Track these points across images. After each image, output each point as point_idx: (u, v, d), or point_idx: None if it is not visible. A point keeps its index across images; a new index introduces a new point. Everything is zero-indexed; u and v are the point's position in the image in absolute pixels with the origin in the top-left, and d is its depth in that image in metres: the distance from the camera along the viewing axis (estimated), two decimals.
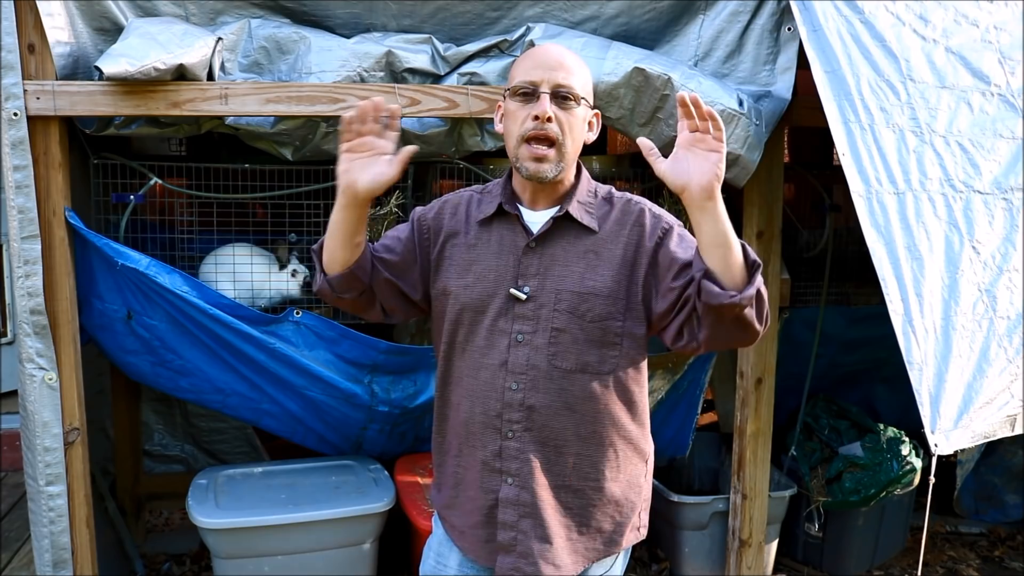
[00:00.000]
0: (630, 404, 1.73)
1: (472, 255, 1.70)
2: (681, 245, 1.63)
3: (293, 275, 2.77)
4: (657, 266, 1.63)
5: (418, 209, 1.80)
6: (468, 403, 1.70)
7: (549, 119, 1.56)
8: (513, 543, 1.69)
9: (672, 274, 1.60)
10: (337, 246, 1.65)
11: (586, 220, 1.66)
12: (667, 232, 1.65)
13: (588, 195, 1.69)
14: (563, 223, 1.66)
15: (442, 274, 1.73)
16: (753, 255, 1.50)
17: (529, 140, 1.59)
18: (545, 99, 1.57)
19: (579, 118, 1.62)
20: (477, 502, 1.71)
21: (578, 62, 1.64)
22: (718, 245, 1.47)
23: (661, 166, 1.48)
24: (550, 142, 1.59)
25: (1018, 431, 1.97)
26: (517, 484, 1.67)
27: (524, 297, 1.64)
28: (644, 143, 1.52)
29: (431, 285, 1.75)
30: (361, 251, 1.67)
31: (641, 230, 1.65)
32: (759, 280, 1.48)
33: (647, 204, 1.70)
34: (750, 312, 1.49)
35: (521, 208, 1.69)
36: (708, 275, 1.49)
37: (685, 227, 1.69)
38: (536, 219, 1.68)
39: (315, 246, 1.73)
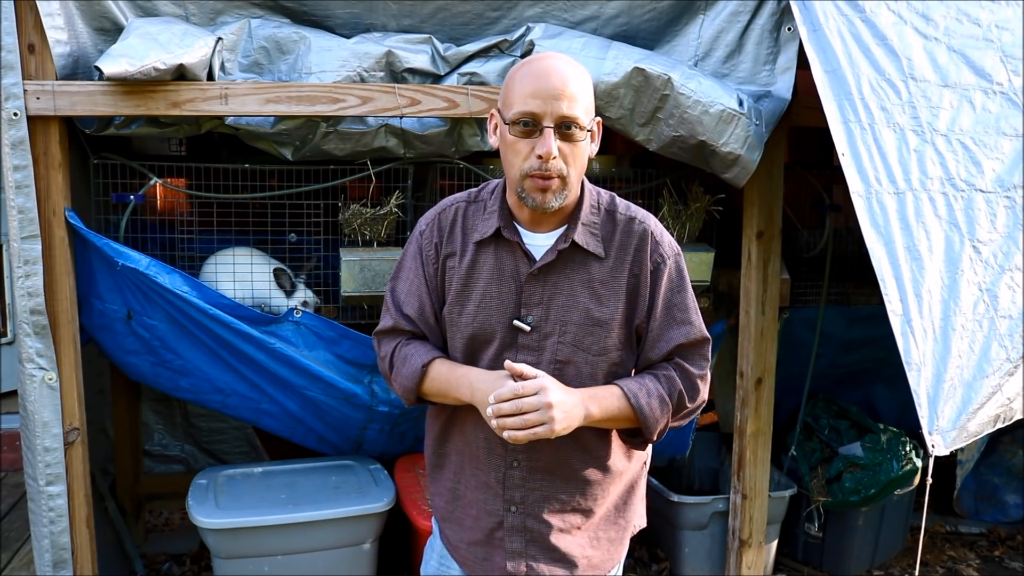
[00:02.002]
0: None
1: (470, 279, 1.63)
2: (664, 299, 1.63)
3: (304, 305, 2.77)
4: (647, 308, 1.64)
5: (420, 240, 1.71)
6: (472, 427, 1.66)
7: (554, 158, 1.49)
8: (524, 569, 1.68)
9: (641, 345, 1.68)
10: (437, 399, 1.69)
11: (592, 246, 1.60)
12: (659, 266, 1.62)
13: (592, 212, 1.62)
14: (568, 250, 1.60)
15: (445, 297, 1.68)
16: (651, 428, 1.61)
17: (532, 176, 1.51)
18: (549, 135, 1.48)
19: (583, 145, 1.54)
20: (478, 521, 1.69)
21: (579, 80, 1.52)
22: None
23: None
24: (555, 178, 1.52)
25: (999, 425, 1.98)
26: (522, 512, 1.66)
27: (528, 329, 1.60)
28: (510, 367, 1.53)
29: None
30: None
31: (642, 256, 1.62)
32: (656, 431, 1.62)
33: (651, 225, 1.64)
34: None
35: (520, 230, 1.62)
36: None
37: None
38: (537, 241, 1.62)
39: (409, 399, 1.69)
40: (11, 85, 2.29)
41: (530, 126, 1.50)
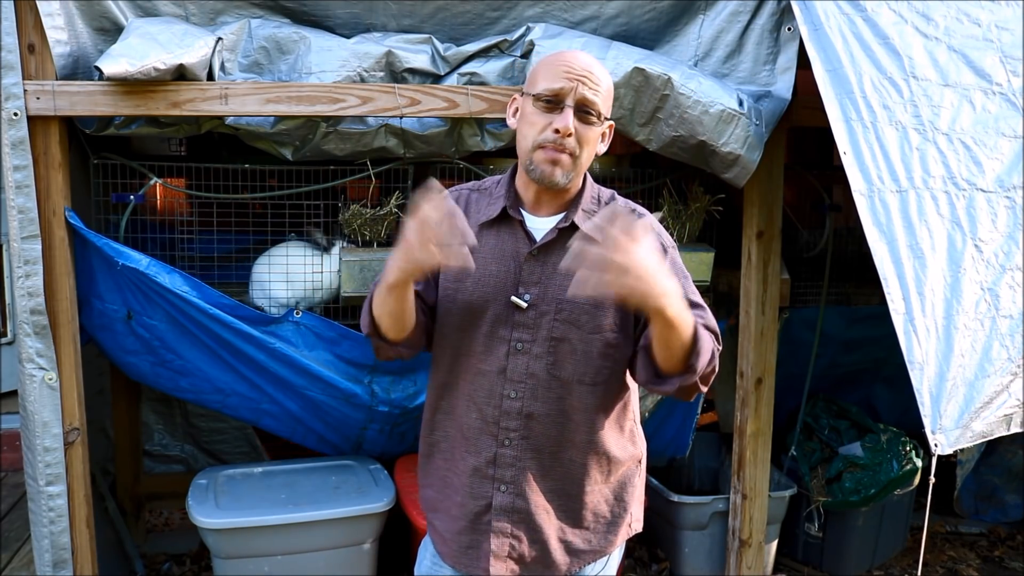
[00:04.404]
0: (623, 411, 1.74)
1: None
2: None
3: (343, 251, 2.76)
4: None
5: None
6: (464, 408, 1.68)
7: (570, 134, 1.54)
8: (508, 549, 1.68)
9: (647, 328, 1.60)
10: (395, 327, 1.60)
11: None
12: (662, 255, 1.63)
13: (592, 202, 1.67)
14: (567, 232, 1.63)
15: (441, 275, 1.70)
16: (704, 343, 1.48)
17: (545, 148, 1.56)
18: (569, 113, 1.54)
19: (596, 134, 1.60)
20: (464, 508, 1.70)
21: (604, 75, 1.60)
22: (663, 347, 1.47)
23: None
24: (567, 153, 1.56)
25: (1015, 429, 1.97)
26: (512, 492, 1.67)
27: (525, 305, 1.62)
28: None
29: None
30: (416, 316, 1.63)
31: None
32: (699, 366, 1.49)
33: (650, 219, 1.66)
34: (681, 393, 1.56)
35: (524, 212, 1.66)
36: (647, 351, 1.54)
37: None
38: (539, 224, 1.66)
39: (366, 322, 1.64)
40: (11, 85, 2.29)
41: (552, 103, 1.56)
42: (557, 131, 1.54)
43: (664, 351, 1.49)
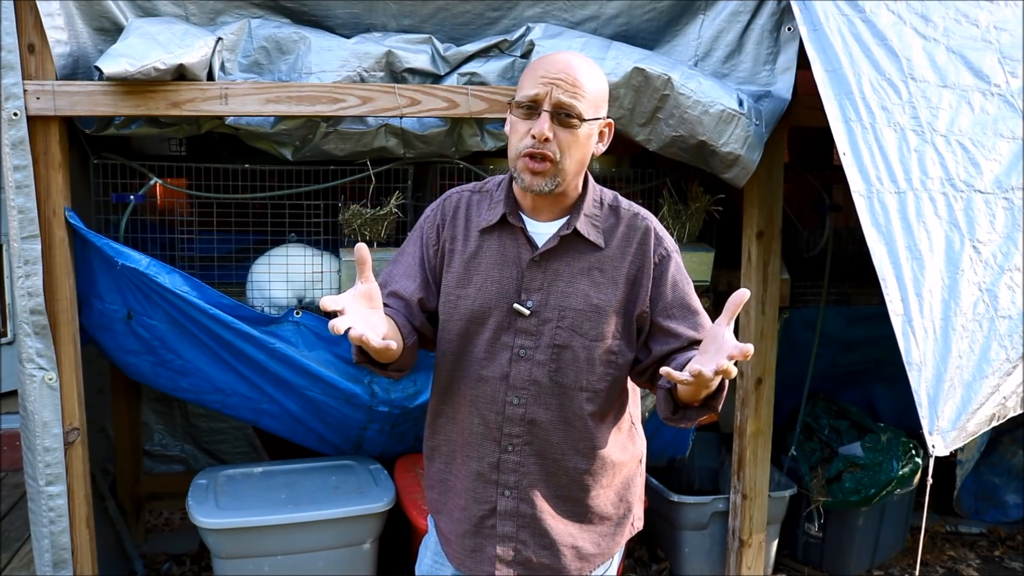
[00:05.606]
0: (625, 414, 1.74)
1: (472, 264, 1.65)
2: (675, 293, 1.64)
3: None
4: (649, 300, 1.64)
5: (423, 224, 1.74)
6: (466, 413, 1.67)
7: (546, 139, 1.52)
8: (512, 553, 1.68)
9: (652, 339, 1.66)
10: (382, 356, 1.50)
11: (593, 236, 1.63)
12: (664, 260, 1.65)
13: (594, 206, 1.66)
14: (570, 238, 1.62)
15: (443, 281, 1.69)
16: (724, 386, 1.54)
17: (526, 156, 1.55)
18: (544, 118, 1.52)
19: (581, 136, 1.56)
20: (467, 511, 1.70)
21: (590, 75, 1.56)
22: (690, 397, 1.53)
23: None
24: (547, 160, 1.54)
25: (995, 424, 1.99)
26: (516, 496, 1.67)
27: (527, 312, 1.61)
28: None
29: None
30: (404, 340, 1.60)
31: (645, 249, 1.64)
32: (719, 404, 1.57)
33: (653, 222, 1.67)
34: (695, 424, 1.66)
35: (524, 218, 1.65)
36: (670, 393, 1.57)
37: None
38: (540, 230, 1.65)
39: (353, 350, 1.58)
40: (11, 85, 2.29)
41: (531, 109, 1.54)
42: (534, 137, 1.52)
43: (691, 399, 1.54)
